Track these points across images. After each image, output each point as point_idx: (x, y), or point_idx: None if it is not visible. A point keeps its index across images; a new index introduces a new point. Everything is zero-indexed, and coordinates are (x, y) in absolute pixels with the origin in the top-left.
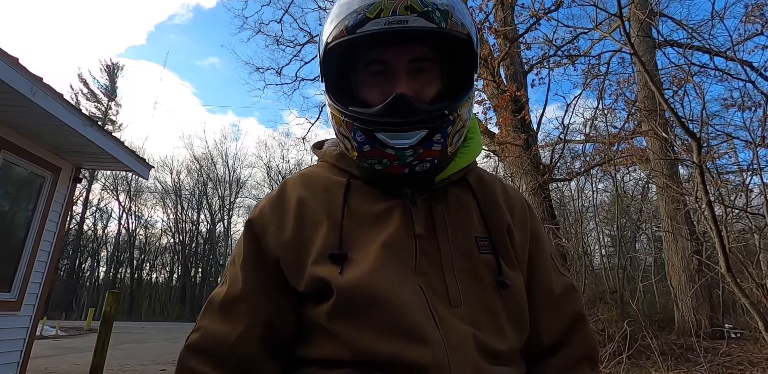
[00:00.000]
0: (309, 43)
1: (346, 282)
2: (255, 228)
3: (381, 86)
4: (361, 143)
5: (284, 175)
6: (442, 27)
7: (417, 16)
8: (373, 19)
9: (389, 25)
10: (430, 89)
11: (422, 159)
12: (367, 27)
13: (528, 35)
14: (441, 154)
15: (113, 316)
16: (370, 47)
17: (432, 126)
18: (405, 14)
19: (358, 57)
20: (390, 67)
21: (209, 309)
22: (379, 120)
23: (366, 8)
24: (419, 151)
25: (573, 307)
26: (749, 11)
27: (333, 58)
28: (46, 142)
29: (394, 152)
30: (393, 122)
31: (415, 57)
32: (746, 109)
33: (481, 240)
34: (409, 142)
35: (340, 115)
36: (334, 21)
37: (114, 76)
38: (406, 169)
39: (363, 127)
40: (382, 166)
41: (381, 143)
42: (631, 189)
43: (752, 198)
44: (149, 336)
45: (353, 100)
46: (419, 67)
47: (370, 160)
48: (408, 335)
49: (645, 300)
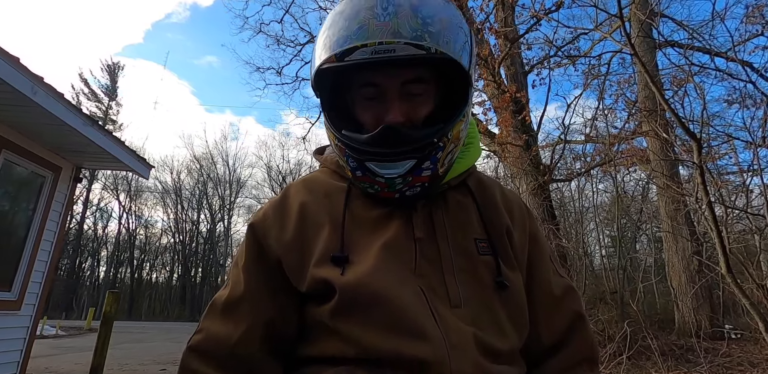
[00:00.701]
0: (309, 43)
1: (347, 281)
2: (257, 232)
3: (373, 110)
4: (353, 168)
5: (284, 175)
6: (432, 52)
7: (404, 44)
8: (360, 48)
9: (375, 55)
10: (423, 111)
11: (412, 185)
12: (355, 56)
13: (528, 36)
14: (431, 177)
15: (113, 316)
16: (361, 71)
17: (420, 155)
18: (392, 42)
19: (353, 78)
20: (382, 91)
21: (211, 311)
22: (369, 150)
23: (354, 35)
24: (408, 178)
25: (573, 308)
26: (749, 12)
27: (326, 80)
28: (46, 142)
29: (384, 180)
30: (381, 153)
31: (406, 80)
32: (746, 107)
33: (481, 241)
34: (397, 171)
35: (334, 139)
36: (324, 43)
37: (115, 76)
38: (397, 194)
39: (354, 155)
40: (374, 190)
41: (371, 172)
42: (631, 190)
43: (752, 199)
44: (149, 336)
45: (350, 120)
46: (411, 90)
47: (362, 183)
48: (409, 332)
49: (645, 300)
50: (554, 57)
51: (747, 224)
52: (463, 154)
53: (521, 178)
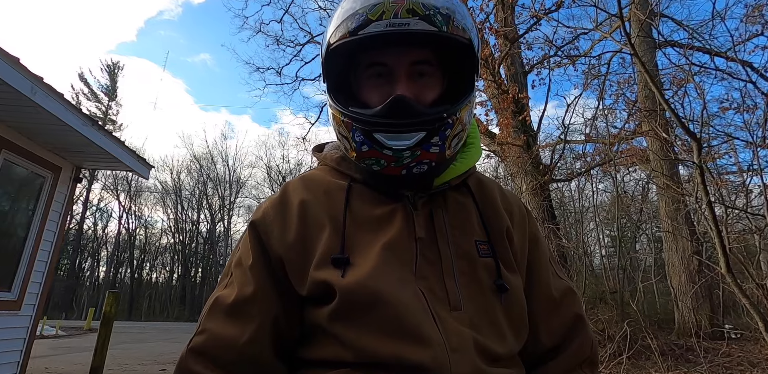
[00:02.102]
0: (309, 43)
1: (348, 283)
2: (259, 230)
3: (381, 88)
4: (359, 143)
5: (284, 175)
6: (443, 31)
7: (418, 20)
8: (375, 21)
9: (390, 28)
10: (430, 92)
11: (419, 161)
12: (369, 29)
13: (528, 35)
14: (439, 156)
15: (113, 316)
16: (371, 49)
17: (430, 128)
18: (407, 17)
19: (360, 59)
20: (390, 70)
21: (215, 312)
22: (377, 121)
23: (368, 10)
24: (417, 152)
25: (572, 310)
26: (749, 12)
27: (335, 59)
28: (46, 142)
29: (391, 153)
30: (391, 123)
31: (415, 60)
32: (746, 110)
33: (481, 243)
34: (406, 143)
35: (340, 115)
36: (337, 22)
37: (114, 76)
38: (403, 170)
39: (362, 127)
40: (380, 166)
41: (379, 144)
42: (631, 190)
43: (752, 199)
44: (149, 336)
45: (354, 101)
46: (420, 71)
47: (367, 160)
48: (409, 336)
49: (645, 300)
50: (554, 57)
51: (747, 224)
52: (463, 155)
53: (521, 178)
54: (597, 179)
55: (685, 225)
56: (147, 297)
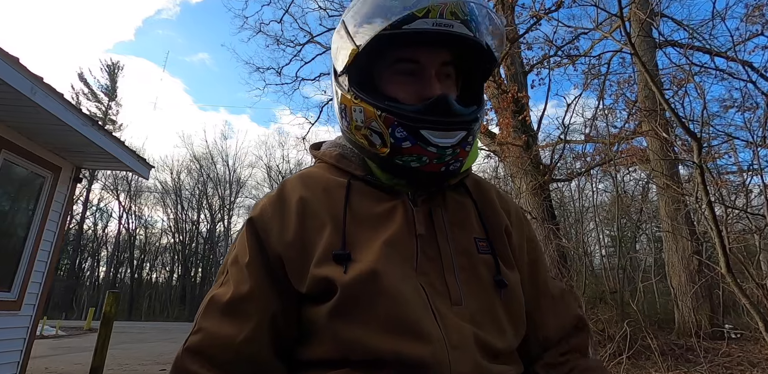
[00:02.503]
0: (309, 43)
1: (350, 278)
2: (257, 227)
3: (412, 85)
4: (400, 140)
5: (284, 175)
6: (476, 37)
7: (460, 23)
8: (420, 17)
9: (437, 27)
10: (453, 94)
11: (456, 158)
12: (416, 25)
13: (528, 35)
14: (467, 155)
15: (113, 316)
16: (407, 45)
17: (469, 128)
18: (450, 19)
19: (388, 53)
20: (422, 68)
21: (211, 310)
22: (426, 118)
23: (414, 6)
24: (457, 150)
25: (571, 308)
26: (750, 11)
27: (364, 54)
28: (46, 142)
29: (435, 150)
30: (440, 121)
31: (445, 61)
32: (747, 109)
33: (480, 240)
34: (451, 141)
35: (374, 109)
36: (373, 15)
37: (114, 76)
38: (443, 167)
39: (407, 123)
40: (420, 163)
41: (425, 140)
42: (631, 190)
43: (752, 199)
44: (149, 336)
45: (378, 95)
46: (446, 72)
47: (406, 156)
48: (408, 332)
49: (645, 300)
50: (554, 56)
51: (747, 224)
52: None
53: (521, 178)
54: (597, 179)
55: (685, 225)
56: (147, 297)
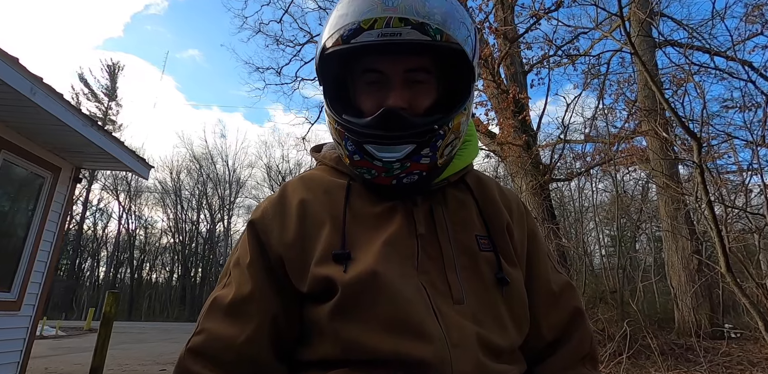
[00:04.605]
0: (309, 43)
1: (350, 278)
2: (258, 229)
3: (375, 95)
4: (351, 152)
5: (284, 174)
6: (437, 40)
7: (411, 29)
8: (366, 30)
9: (382, 38)
10: (425, 100)
11: (409, 172)
12: (361, 38)
13: (528, 35)
14: (430, 166)
15: (113, 316)
16: (365, 56)
17: (420, 140)
18: (399, 26)
19: (356, 64)
20: (385, 77)
21: (213, 311)
22: (368, 132)
23: (361, 17)
24: (406, 164)
25: (572, 304)
26: (749, 11)
27: (330, 65)
28: (46, 142)
29: (381, 164)
30: (380, 135)
31: (410, 67)
32: (746, 109)
33: (481, 238)
34: (396, 155)
35: (334, 123)
36: (331, 28)
37: (114, 76)
38: (393, 180)
39: (353, 137)
40: (371, 176)
41: (369, 155)
42: (631, 189)
43: (752, 198)
44: (149, 336)
45: (350, 108)
46: (414, 78)
47: (359, 168)
48: (409, 332)
49: (645, 300)
50: (554, 56)
51: (747, 223)
52: (461, 151)
53: (521, 178)
54: (597, 179)
55: (684, 225)
56: (147, 297)
